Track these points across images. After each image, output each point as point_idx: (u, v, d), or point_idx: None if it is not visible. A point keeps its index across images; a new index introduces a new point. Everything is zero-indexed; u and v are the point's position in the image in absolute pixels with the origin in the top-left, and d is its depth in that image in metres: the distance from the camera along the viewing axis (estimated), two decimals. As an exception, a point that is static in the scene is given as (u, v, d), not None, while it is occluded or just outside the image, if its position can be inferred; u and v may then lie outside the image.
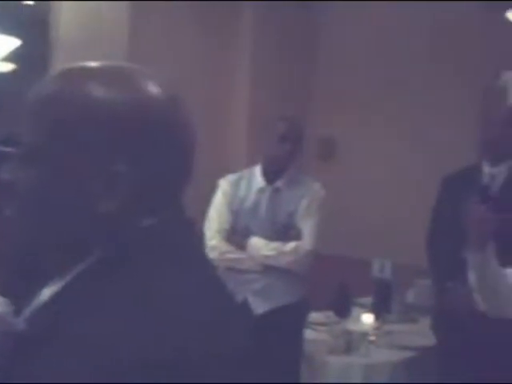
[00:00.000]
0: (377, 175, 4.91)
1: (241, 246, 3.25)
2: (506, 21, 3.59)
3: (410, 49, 4.78)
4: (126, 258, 0.86)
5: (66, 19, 4.23)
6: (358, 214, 4.89)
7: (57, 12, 4.20)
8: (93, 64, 0.91)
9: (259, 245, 3.24)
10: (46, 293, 0.92)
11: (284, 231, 3.29)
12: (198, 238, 0.96)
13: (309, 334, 3.54)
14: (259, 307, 3.23)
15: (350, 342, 3.38)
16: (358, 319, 3.69)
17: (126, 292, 0.82)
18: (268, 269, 3.24)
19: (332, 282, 3.65)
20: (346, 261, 4.62)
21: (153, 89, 0.89)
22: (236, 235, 3.29)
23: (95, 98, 0.86)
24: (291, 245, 3.25)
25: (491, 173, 3.20)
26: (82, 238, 0.88)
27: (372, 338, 3.52)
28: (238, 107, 4.91)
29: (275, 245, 3.24)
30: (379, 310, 3.84)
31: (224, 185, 3.38)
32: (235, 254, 3.26)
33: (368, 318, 3.67)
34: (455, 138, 4.36)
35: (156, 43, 4.42)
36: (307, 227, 3.28)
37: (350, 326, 3.57)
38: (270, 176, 3.33)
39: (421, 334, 3.61)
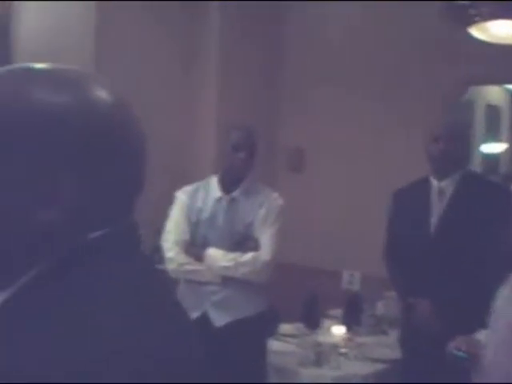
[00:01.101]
0: (347, 186, 4.90)
1: (199, 257, 3.20)
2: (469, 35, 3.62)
3: (382, 56, 4.79)
4: (67, 271, 0.80)
5: (28, 29, 4.17)
6: (328, 225, 4.87)
7: (17, 23, 4.13)
8: (39, 66, 0.86)
9: (217, 256, 3.19)
10: None
11: (242, 242, 3.24)
12: (145, 254, 0.90)
13: (279, 345, 3.50)
14: (219, 320, 3.19)
15: (321, 354, 3.34)
16: (329, 331, 3.66)
17: (65, 307, 0.77)
18: (227, 280, 3.19)
19: (302, 293, 3.63)
20: (316, 272, 4.60)
21: (101, 95, 0.85)
22: (194, 247, 3.24)
23: (38, 101, 0.81)
24: (248, 255, 3.19)
25: (440, 186, 3.24)
26: (23, 248, 0.82)
27: (342, 349, 3.49)
28: (205, 117, 4.87)
29: (233, 255, 3.19)
30: (349, 322, 3.82)
31: (181, 196, 3.33)
32: (194, 266, 3.21)
33: (338, 330, 3.64)
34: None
35: (122, 47, 4.37)
36: (265, 237, 3.23)
37: (321, 337, 3.54)
38: (226, 186, 3.30)
39: (391, 346, 3.58)
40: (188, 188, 3.37)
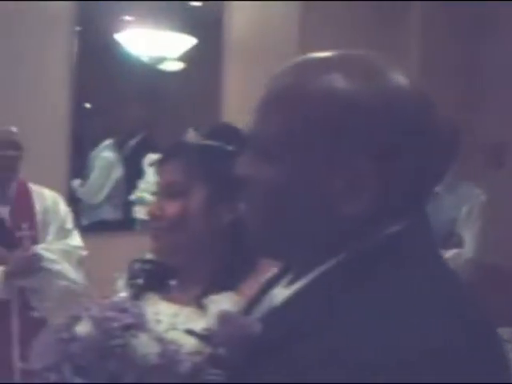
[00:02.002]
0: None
1: None
2: None
3: None
4: (369, 263, 0.80)
5: (238, 20, 4.32)
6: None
7: (229, 13, 4.29)
8: (330, 53, 0.85)
9: None
10: (279, 295, 0.89)
11: (447, 237, 3.19)
12: (438, 250, 0.87)
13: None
14: None
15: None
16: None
17: (368, 297, 0.77)
18: None
19: (507, 295, 3.49)
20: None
21: (400, 79, 0.81)
22: None
23: (339, 89, 0.79)
24: (452, 251, 3.15)
25: None
26: (324, 239, 0.83)
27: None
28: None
29: None
30: None
31: None
32: None
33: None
34: None
35: (327, 42, 4.41)
36: (468, 234, 3.21)
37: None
38: None
39: None
40: None
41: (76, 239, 3.20)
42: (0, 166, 3.03)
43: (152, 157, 4.41)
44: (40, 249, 3.03)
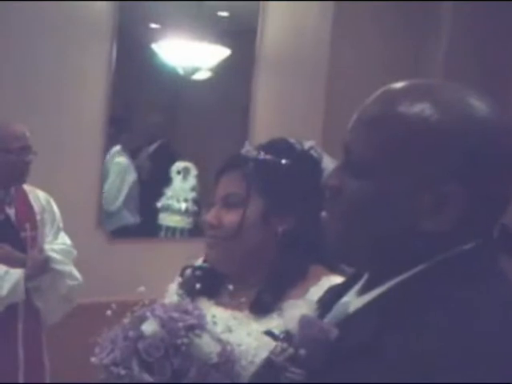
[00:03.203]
0: None
1: None
2: None
3: None
4: (442, 276, 0.88)
5: (271, 31, 4.40)
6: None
7: (262, 24, 4.36)
8: (417, 82, 0.95)
9: None
10: (352, 302, 0.96)
11: None
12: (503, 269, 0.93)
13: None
14: None
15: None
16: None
17: (441, 307, 0.84)
18: None
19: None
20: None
21: (482, 107, 0.90)
22: None
23: (428, 116, 0.88)
24: None
25: None
26: (404, 250, 0.91)
27: None
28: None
29: None
30: None
31: None
32: None
33: None
34: None
35: (358, 53, 4.49)
36: None
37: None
38: None
39: None
40: None
41: (66, 238, 3.23)
42: (15, 171, 3.06)
43: (179, 165, 4.51)
44: (47, 250, 3.08)
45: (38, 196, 3.20)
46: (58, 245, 3.17)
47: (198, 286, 1.47)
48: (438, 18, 4.83)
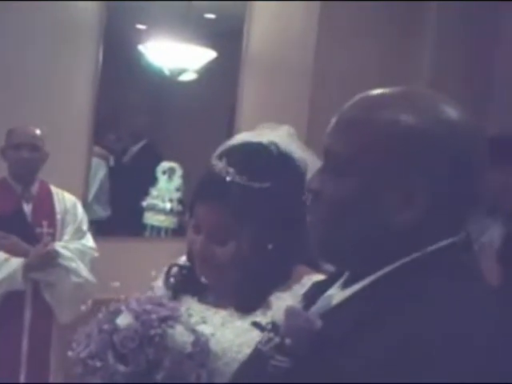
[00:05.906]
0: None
1: None
2: None
3: None
4: (419, 270, 0.93)
5: (257, 32, 4.42)
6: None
7: (249, 25, 4.39)
8: (393, 89, 1.01)
9: None
10: (335, 296, 1.01)
11: None
12: (479, 269, 0.98)
13: None
14: None
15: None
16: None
17: (420, 297, 0.89)
18: None
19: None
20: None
21: (452, 112, 0.96)
22: None
23: (400, 120, 0.95)
24: None
25: None
26: (379, 248, 0.96)
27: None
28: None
29: None
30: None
31: None
32: None
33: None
34: None
35: (344, 56, 4.52)
36: None
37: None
38: None
39: None
40: None
41: (90, 241, 3.42)
42: (25, 168, 3.28)
43: (165, 165, 4.54)
44: (58, 246, 3.23)
45: (63, 197, 3.39)
46: (75, 244, 3.31)
47: (178, 283, 1.49)
48: (423, 17, 4.87)
